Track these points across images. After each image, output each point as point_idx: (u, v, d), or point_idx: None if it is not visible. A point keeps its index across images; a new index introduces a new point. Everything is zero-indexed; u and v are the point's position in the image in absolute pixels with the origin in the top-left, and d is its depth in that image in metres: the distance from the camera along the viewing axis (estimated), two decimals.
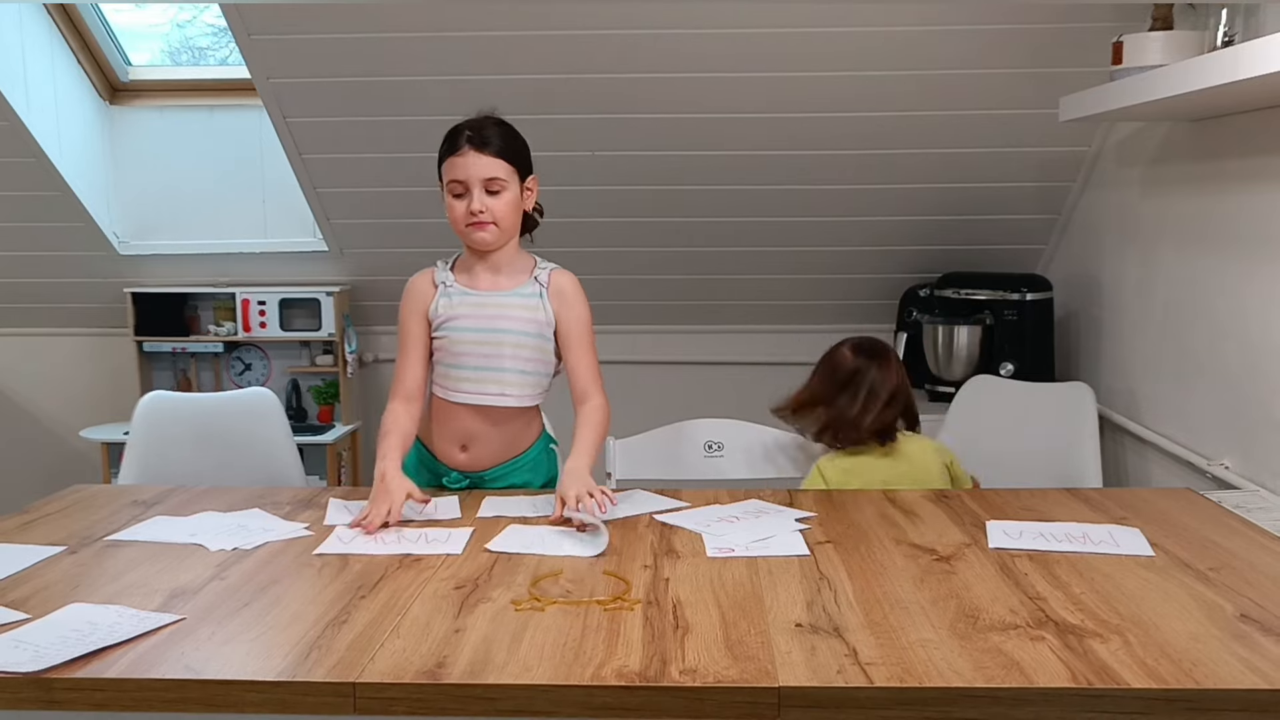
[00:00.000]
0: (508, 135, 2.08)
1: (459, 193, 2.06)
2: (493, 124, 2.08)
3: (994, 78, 3.05)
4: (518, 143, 2.09)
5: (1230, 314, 2.42)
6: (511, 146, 2.07)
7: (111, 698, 1.28)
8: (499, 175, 2.04)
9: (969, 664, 1.29)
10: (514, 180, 2.07)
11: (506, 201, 2.06)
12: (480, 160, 2.03)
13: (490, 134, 2.06)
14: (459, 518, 1.95)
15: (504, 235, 2.09)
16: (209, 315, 4.08)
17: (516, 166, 2.07)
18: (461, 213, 2.05)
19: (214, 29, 3.98)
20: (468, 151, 2.03)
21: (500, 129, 2.08)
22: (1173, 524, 1.86)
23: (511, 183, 2.07)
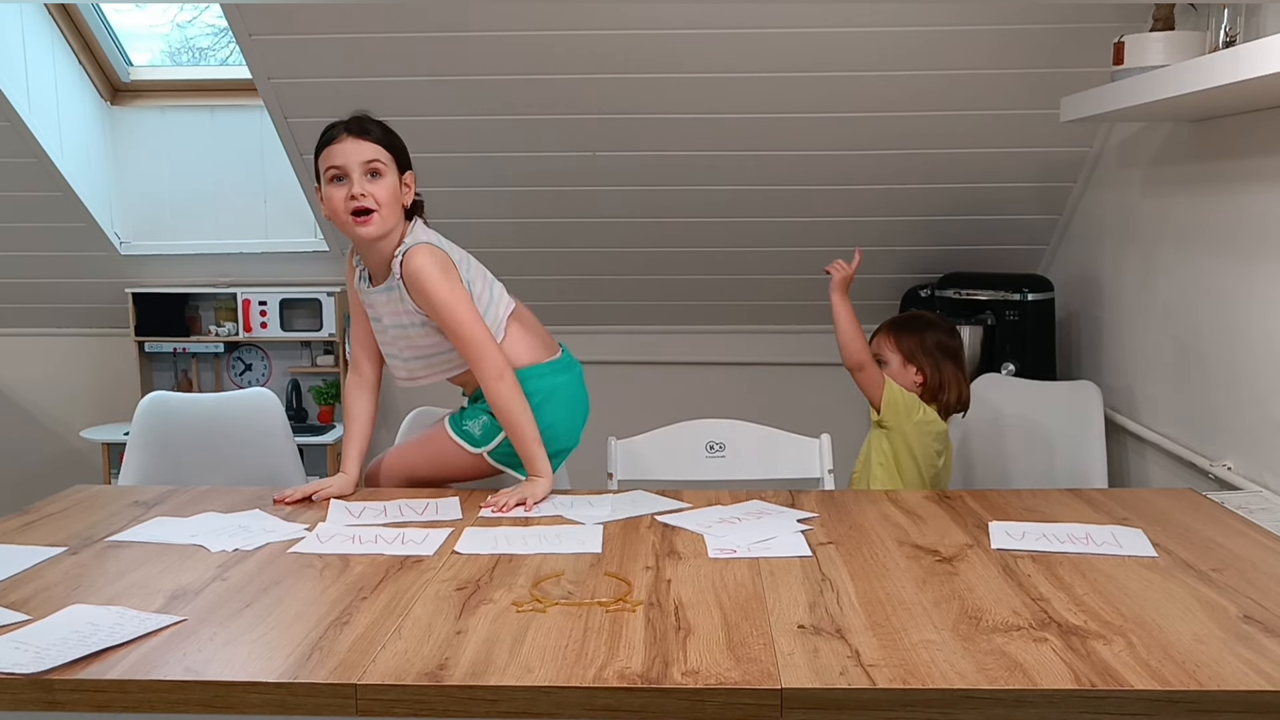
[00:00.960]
0: (384, 129, 2.12)
1: (337, 177, 2.06)
2: (369, 118, 2.12)
3: (995, 78, 3.05)
4: (394, 137, 2.13)
5: (1232, 314, 2.41)
6: (389, 138, 2.11)
7: (113, 699, 1.27)
8: (378, 159, 2.06)
9: (972, 665, 1.29)
10: (392, 169, 2.09)
11: (386, 187, 2.06)
12: (359, 145, 2.06)
13: (368, 124, 2.10)
14: (460, 518, 1.95)
15: (385, 224, 2.07)
16: (210, 315, 4.08)
17: (395, 156, 2.10)
18: (341, 200, 2.05)
19: (214, 29, 3.98)
20: (345, 138, 2.06)
21: (377, 123, 2.12)
22: (1175, 525, 1.85)
23: (390, 170, 2.08)
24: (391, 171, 2.09)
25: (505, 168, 3.41)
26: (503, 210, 3.57)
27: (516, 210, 3.57)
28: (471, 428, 2.16)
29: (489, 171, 3.42)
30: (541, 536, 1.82)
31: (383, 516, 1.95)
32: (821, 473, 2.44)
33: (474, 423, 2.16)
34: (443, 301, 2.06)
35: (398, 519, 1.94)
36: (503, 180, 3.46)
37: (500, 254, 3.75)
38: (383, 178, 2.07)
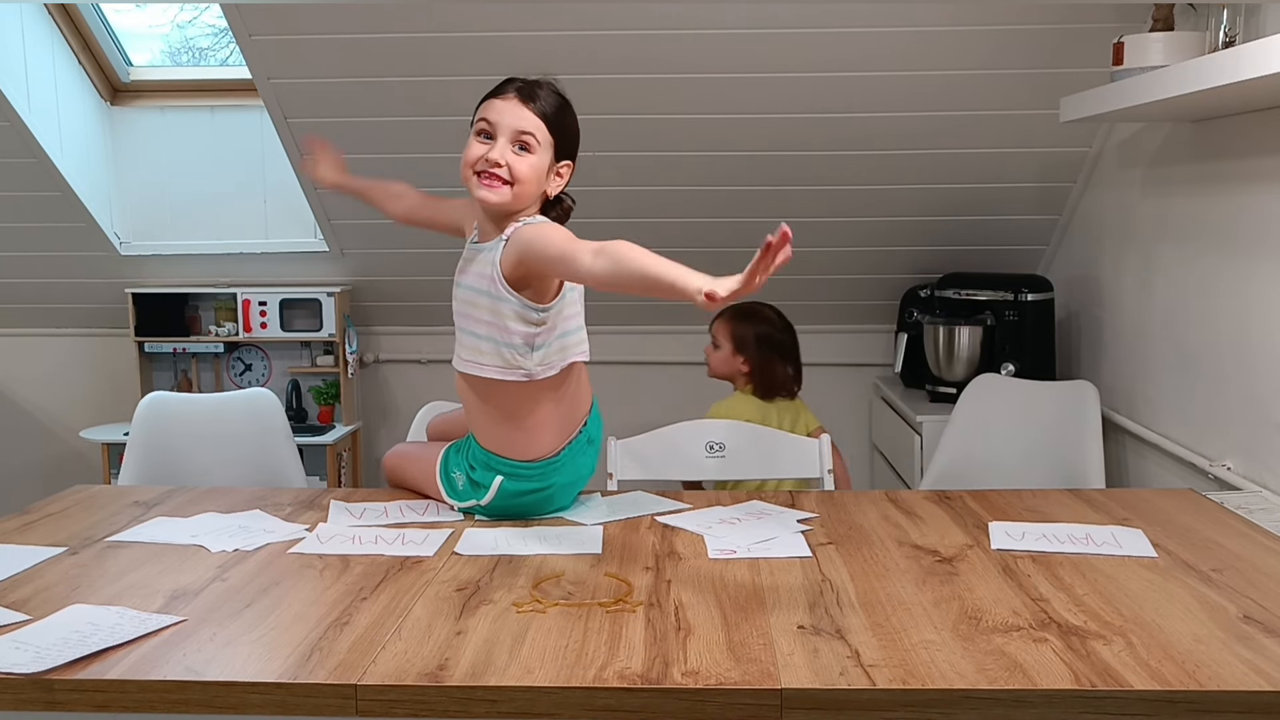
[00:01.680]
0: (560, 105, 1.91)
1: (485, 132, 1.88)
2: (550, 89, 1.91)
3: (994, 78, 3.05)
4: (567, 117, 1.91)
5: (1232, 314, 2.41)
6: (559, 116, 1.89)
7: (113, 699, 1.27)
8: (534, 132, 1.85)
9: (972, 666, 1.29)
10: (547, 150, 1.88)
11: (531, 164, 1.86)
12: (520, 111, 1.86)
13: (543, 94, 1.89)
14: (460, 519, 1.95)
15: (515, 203, 1.87)
16: (210, 315, 4.08)
17: (555, 138, 1.88)
18: (476, 156, 1.87)
19: (214, 29, 3.98)
20: (511, 98, 1.87)
21: (556, 96, 1.91)
22: (1175, 525, 1.85)
23: (543, 150, 1.87)
24: (544, 152, 1.87)
25: None
26: None
27: None
28: (456, 478, 1.99)
29: None
30: (541, 537, 1.82)
31: (383, 517, 1.95)
32: (821, 473, 2.44)
33: (459, 474, 1.98)
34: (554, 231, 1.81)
35: (398, 519, 1.94)
36: None
37: None
38: (530, 154, 1.86)
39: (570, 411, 1.97)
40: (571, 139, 1.93)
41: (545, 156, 1.88)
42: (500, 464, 1.92)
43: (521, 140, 1.86)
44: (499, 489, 1.91)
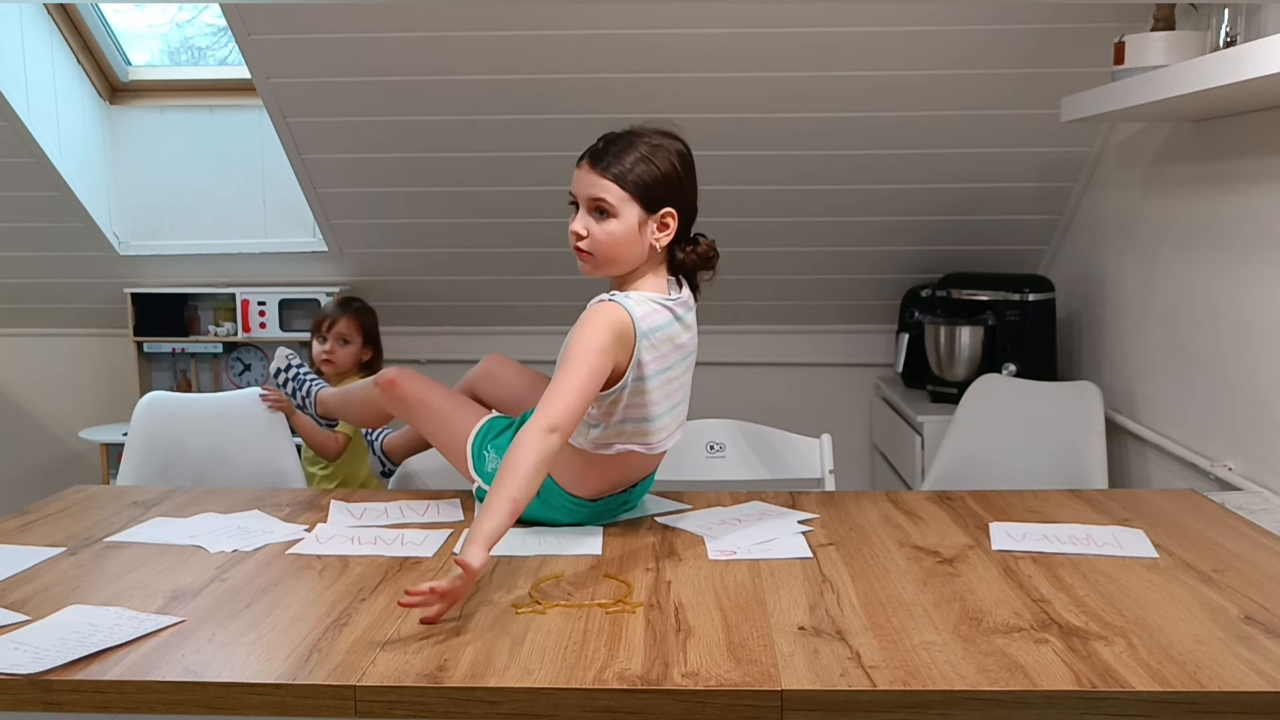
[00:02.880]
0: (637, 158, 1.81)
1: (574, 203, 1.85)
2: (627, 140, 1.84)
3: (995, 78, 3.04)
4: (646, 168, 1.81)
5: (1233, 315, 2.41)
6: (635, 171, 1.80)
7: (112, 699, 1.27)
8: (605, 197, 1.79)
9: (972, 667, 1.28)
10: (628, 208, 1.79)
11: (610, 230, 1.79)
12: (589, 177, 1.81)
13: (615, 151, 1.82)
14: (460, 520, 1.95)
15: (601, 268, 1.84)
16: (209, 316, 4.07)
17: (635, 194, 1.80)
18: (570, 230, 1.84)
19: (214, 29, 3.97)
20: (584, 164, 1.83)
21: (632, 149, 1.82)
22: (1176, 526, 1.85)
23: (624, 210, 1.79)
24: (627, 211, 1.79)
25: (505, 168, 3.40)
26: (502, 210, 3.56)
27: (516, 210, 3.57)
28: (488, 456, 1.93)
29: (489, 171, 3.42)
30: (541, 538, 1.82)
31: (383, 518, 1.95)
32: (822, 473, 2.44)
33: (493, 455, 1.93)
34: (577, 340, 1.75)
35: (398, 520, 1.94)
36: (503, 180, 3.46)
37: (500, 254, 3.76)
38: (612, 218, 1.79)
39: (616, 477, 1.90)
40: (663, 186, 1.82)
41: (630, 216, 1.80)
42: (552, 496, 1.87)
43: (598, 206, 1.81)
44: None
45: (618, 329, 1.76)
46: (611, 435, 1.82)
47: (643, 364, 1.80)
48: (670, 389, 1.87)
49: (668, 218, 1.83)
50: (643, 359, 1.80)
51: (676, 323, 1.88)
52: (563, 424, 1.66)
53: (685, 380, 1.93)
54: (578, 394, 1.69)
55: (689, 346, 1.93)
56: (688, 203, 1.87)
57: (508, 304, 3.97)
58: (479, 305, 4.00)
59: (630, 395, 1.80)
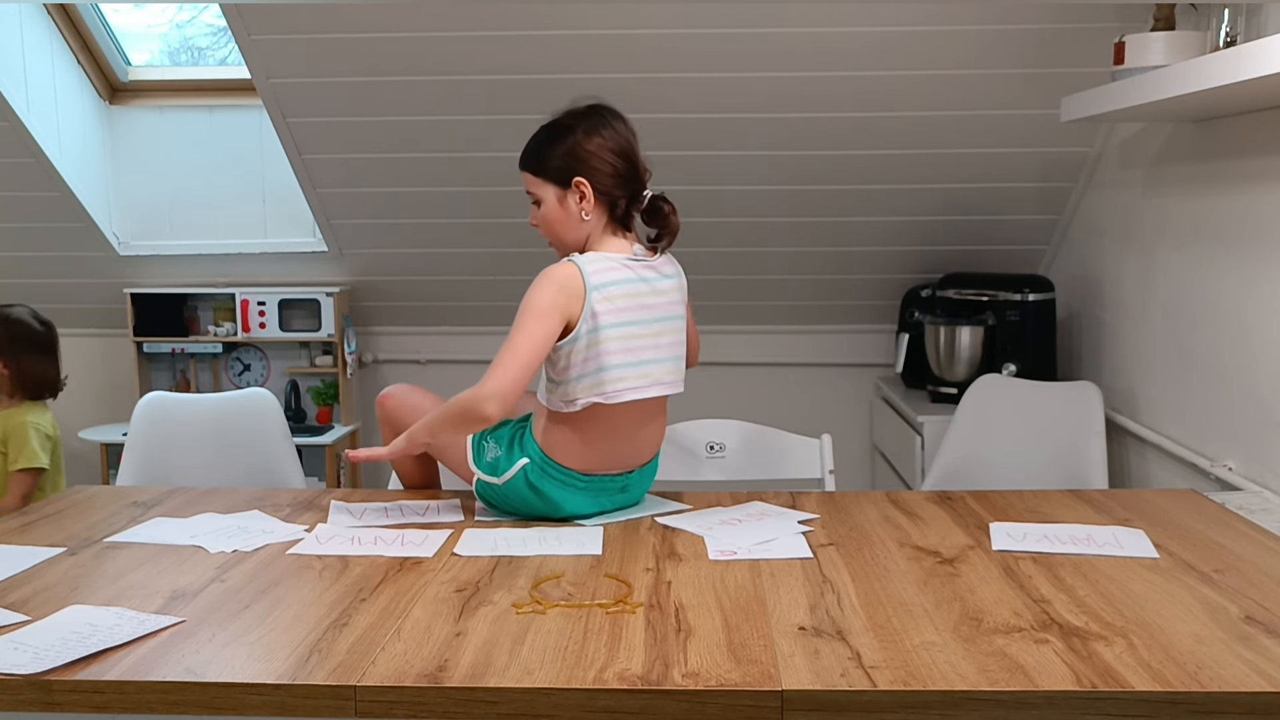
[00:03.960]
0: (538, 142, 2.01)
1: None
2: (536, 132, 2.03)
3: (995, 78, 3.04)
4: (548, 149, 1.98)
5: (1233, 315, 2.41)
6: (539, 156, 1.99)
7: (111, 700, 1.27)
8: (530, 189, 2.01)
9: (973, 667, 1.28)
10: (545, 190, 1.97)
11: (543, 215, 1.99)
12: (522, 177, 2.04)
13: (529, 145, 2.02)
14: (460, 520, 1.95)
15: (565, 244, 1.99)
16: (208, 316, 4.07)
17: (545, 177, 1.97)
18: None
19: (214, 29, 3.97)
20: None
21: (537, 138, 2.02)
22: (1177, 526, 1.85)
23: (544, 193, 1.98)
24: (546, 193, 1.98)
25: (505, 168, 3.39)
26: (502, 210, 3.56)
27: (516, 210, 3.57)
28: (488, 447, 1.99)
29: (489, 171, 3.42)
30: (541, 538, 1.82)
31: (383, 518, 1.95)
32: (822, 473, 2.44)
33: (492, 445, 1.99)
34: (525, 305, 1.88)
35: (398, 520, 1.94)
36: (502, 180, 3.45)
37: (500, 254, 3.76)
38: (541, 204, 1.99)
39: (601, 453, 1.95)
40: (561, 161, 1.97)
41: (549, 196, 1.98)
42: (534, 450, 1.94)
43: (531, 198, 2.02)
44: (520, 470, 1.93)
45: (562, 284, 1.88)
46: (574, 390, 1.91)
47: (596, 315, 1.88)
48: (635, 344, 1.93)
49: (580, 187, 1.95)
50: (596, 310, 1.88)
51: (640, 282, 1.95)
52: (500, 392, 1.82)
53: (658, 341, 1.97)
54: (516, 362, 1.84)
55: (661, 310, 1.98)
56: (600, 167, 1.96)
57: (507, 304, 3.96)
58: (479, 305, 4.00)
59: (587, 347, 1.89)
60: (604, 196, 1.96)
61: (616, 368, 1.90)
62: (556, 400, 1.93)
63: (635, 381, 1.93)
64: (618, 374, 1.90)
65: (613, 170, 1.96)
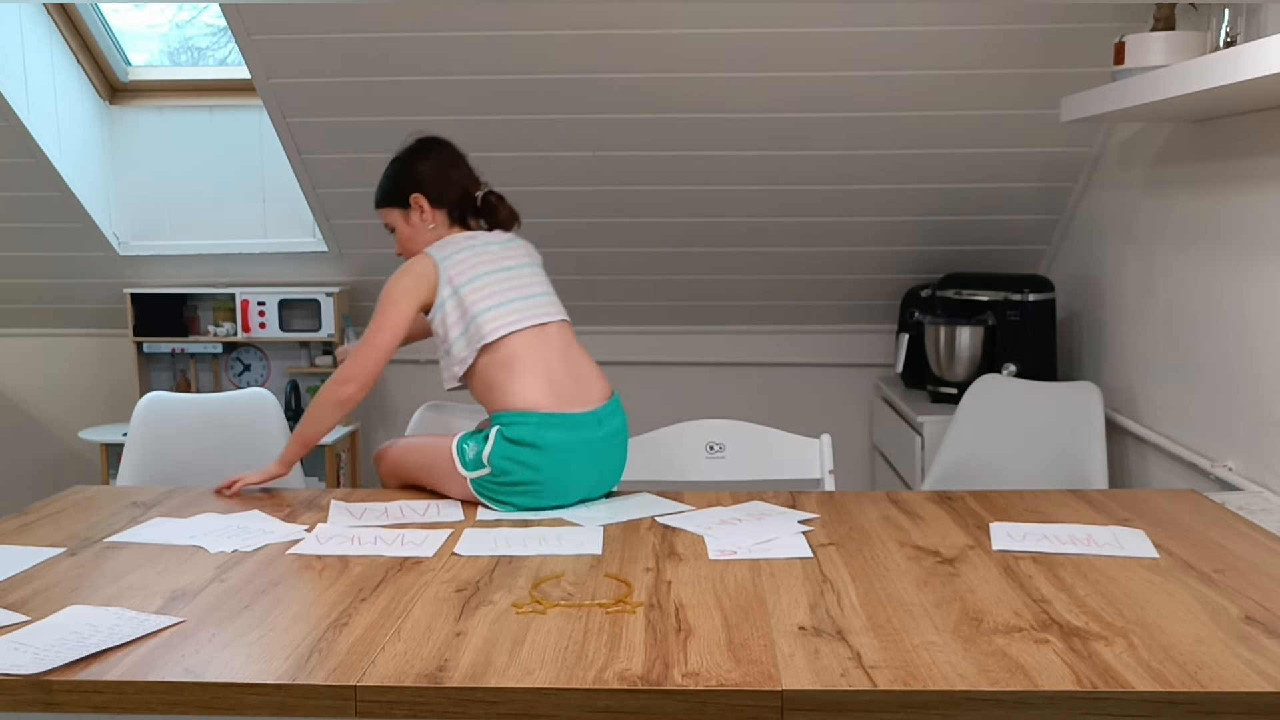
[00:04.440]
0: (380, 184, 2.31)
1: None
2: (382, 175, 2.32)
3: (995, 78, 3.05)
4: (383, 184, 2.31)
5: (1233, 315, 2.41)
6: (380, 192, 2.31)
7: (111, 700, 1.27)
8: (385, 223, 2.32)
9: (973, 667, 1.28)
10: (392, 216, 2.30)
11: (398, 239, 2.31)
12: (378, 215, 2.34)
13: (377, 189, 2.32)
14: (460, 520, 1.95)
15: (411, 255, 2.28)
16: (208, 316, 4.07)
17: (388, 204, 2.29)
18: None
19: (214, 29, 3.97)
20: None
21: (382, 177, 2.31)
22: (1177, 526, 1.85)
23: (393, 219, 2.30)
24: (394, 218, 2.30)
25: (505, 168, 3.40)
26: None
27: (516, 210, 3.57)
28: (468, 448, 2.07)
29: (489, 171, 3.41)
30: (541, 538, 1.82)
31: (383, 518, 1.95)
32: (822, 473, 2.44)
33: (472, 445, 2.07)
34: (384, 293, 2.18)
35: (398, 520, 1.94)
36: (502, 180, 3.45)
37: None
38: (394, 231, 2.31)
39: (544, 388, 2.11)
40: (397, 186, 2.29)
41: (397, 220, 2.30)
42: (495, 418, 2.09)
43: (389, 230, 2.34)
44: (496, 438, 2.04)
45: (414, 271, 2.18)
46: (461, 346, 2.14)
47: (452, 279, 2.16)
48: (497, 289, 2.17)
49: (418, 202, 2.27)
50: (450, 275, 2.16)
51: (485, 246, 2.23)
52: (357, 376, 2.13)
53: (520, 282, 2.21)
54: (370, 347, 2.13)
55: (512, 260, 2.24)
56: (430, 180, 2.28)
57: None
58: None
59: (454, 307, 2.15)
60: (439, 204, 2.27)
61: (486, 311, 2.13)
62: (456, 366, 2.15)
63: (509, 318, 2.14)
64: (489, 315, 2.13)
65: (441, 180, 2.28)
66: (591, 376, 2.19)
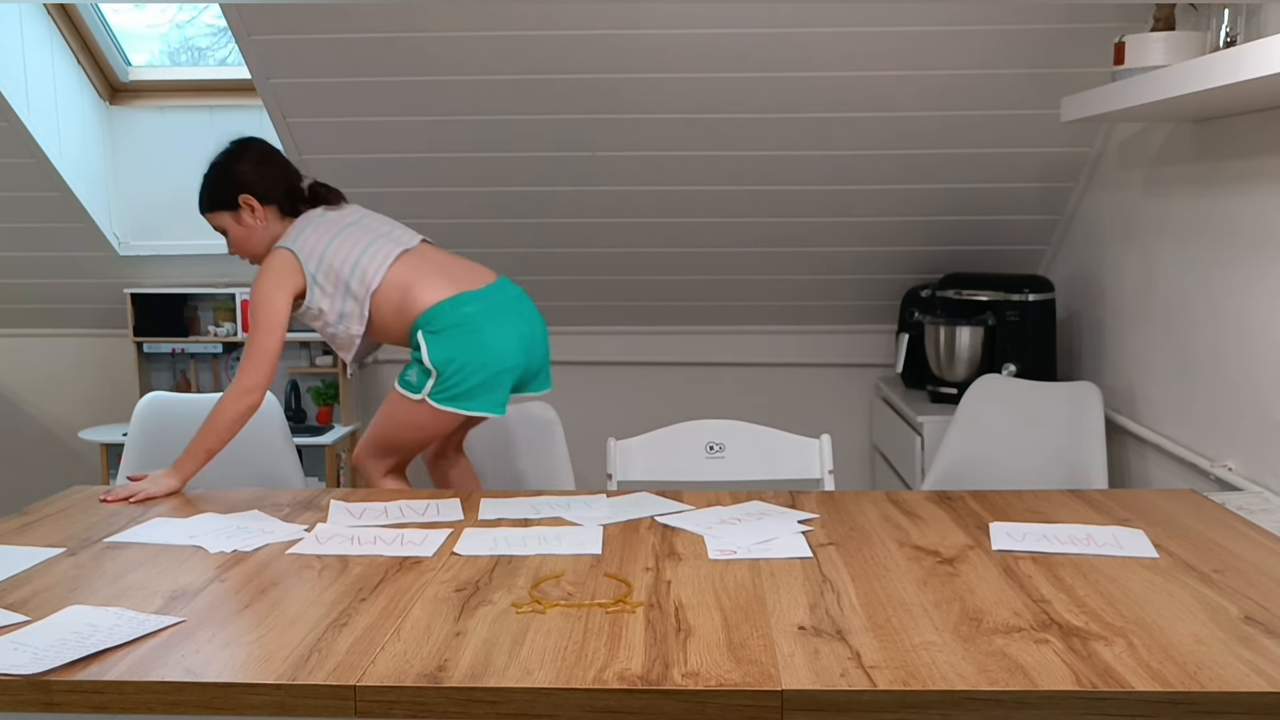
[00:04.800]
0: (206, 190, 2.36)
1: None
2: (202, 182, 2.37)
3: (995, 78, 3.05)
4: (210, 190, 2.35)
5: (1233, 315, 2.41)
6: (206, 197, 2.36)
7: (111, 700, 1.27)
8: (216, 226, 2.38)
9: (972, 667, 1.28)
10: (224, 220, 2.36)
11: (234, 242, 2.38)
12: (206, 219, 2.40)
13: (200, 195, 2.37)
14: (460, 519, 1.95)
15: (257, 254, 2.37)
16: (208, 316, 4.07)
17: (220, 209, 2.35)
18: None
19: (214, 29, 3.97)
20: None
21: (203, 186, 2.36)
22: (1176, 526, 1.85)
23: (225, 223, 2.36)
24: (226, 222, 2.36)
25: (505, 167, 3.40)
26: (502, 210, 3.57)
27: (516, 210, 3.57)
28: (410, 376, 2.32)
29: (489, 171, 3.42)
30: (541, 538, 1.82)
31: (383, 517, 1.95)
32: (822, 473, 2.44)
33: (411, 371, 2.32)
34: (253, 298, 2.27)
35: (398, 520, 1.94)
36: (502, 180, 3.46)
37: (499, 254, 3.76)
38: (228, 234, 2.37)
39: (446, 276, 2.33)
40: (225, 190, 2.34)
41: (230, 223, 2.36)
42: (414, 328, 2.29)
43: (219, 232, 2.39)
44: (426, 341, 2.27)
45: (275, 266, 2.28)
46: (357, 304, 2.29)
47: (311, 252, 2.29)
48: (354, 240, 2.33)
49: (247, 202, 2.34)
50: (307, 253, 2.29)
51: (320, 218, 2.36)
52: (257, 383, 2.21)
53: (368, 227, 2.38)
54: (262, 354, 2.22)
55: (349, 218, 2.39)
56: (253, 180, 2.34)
57: None
58: None
59: (325, 277, 2.29)
60: (268, 200, 2.35)
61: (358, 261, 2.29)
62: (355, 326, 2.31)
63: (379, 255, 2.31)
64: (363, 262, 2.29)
65: (265, 178, 2.35)
66: (476, 267, 2.41)
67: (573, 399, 4.01)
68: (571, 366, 4.02)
